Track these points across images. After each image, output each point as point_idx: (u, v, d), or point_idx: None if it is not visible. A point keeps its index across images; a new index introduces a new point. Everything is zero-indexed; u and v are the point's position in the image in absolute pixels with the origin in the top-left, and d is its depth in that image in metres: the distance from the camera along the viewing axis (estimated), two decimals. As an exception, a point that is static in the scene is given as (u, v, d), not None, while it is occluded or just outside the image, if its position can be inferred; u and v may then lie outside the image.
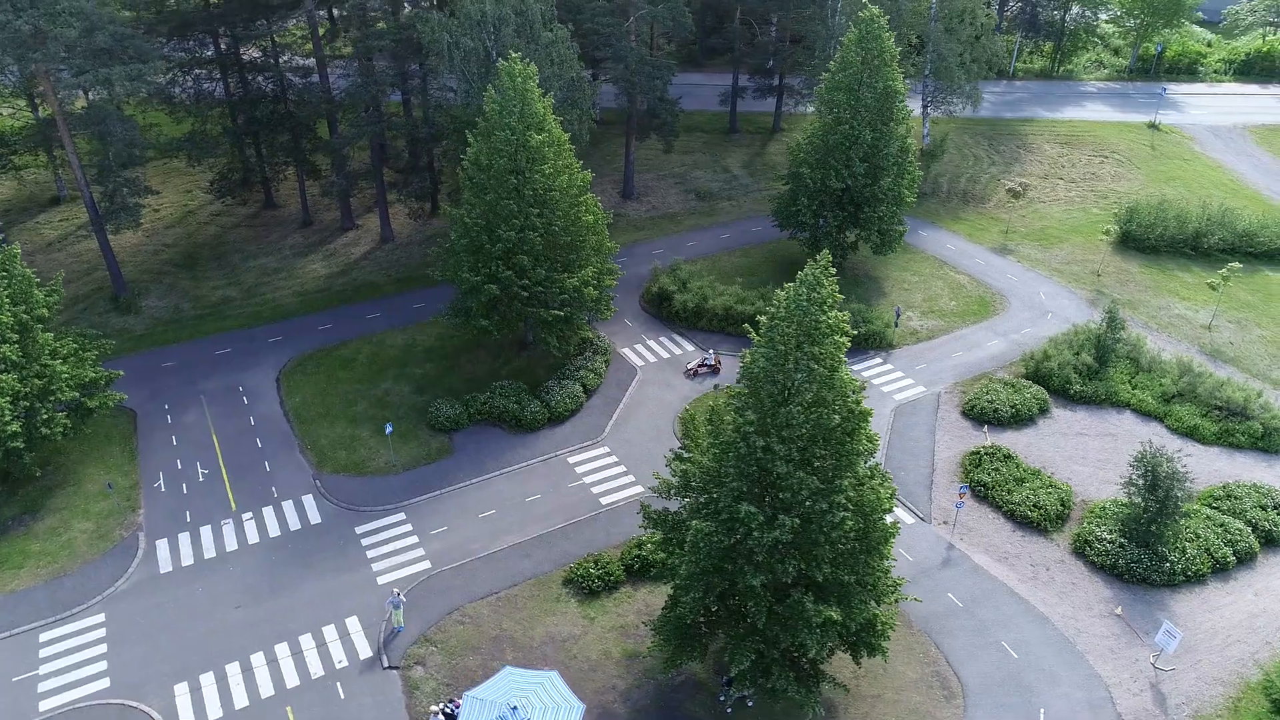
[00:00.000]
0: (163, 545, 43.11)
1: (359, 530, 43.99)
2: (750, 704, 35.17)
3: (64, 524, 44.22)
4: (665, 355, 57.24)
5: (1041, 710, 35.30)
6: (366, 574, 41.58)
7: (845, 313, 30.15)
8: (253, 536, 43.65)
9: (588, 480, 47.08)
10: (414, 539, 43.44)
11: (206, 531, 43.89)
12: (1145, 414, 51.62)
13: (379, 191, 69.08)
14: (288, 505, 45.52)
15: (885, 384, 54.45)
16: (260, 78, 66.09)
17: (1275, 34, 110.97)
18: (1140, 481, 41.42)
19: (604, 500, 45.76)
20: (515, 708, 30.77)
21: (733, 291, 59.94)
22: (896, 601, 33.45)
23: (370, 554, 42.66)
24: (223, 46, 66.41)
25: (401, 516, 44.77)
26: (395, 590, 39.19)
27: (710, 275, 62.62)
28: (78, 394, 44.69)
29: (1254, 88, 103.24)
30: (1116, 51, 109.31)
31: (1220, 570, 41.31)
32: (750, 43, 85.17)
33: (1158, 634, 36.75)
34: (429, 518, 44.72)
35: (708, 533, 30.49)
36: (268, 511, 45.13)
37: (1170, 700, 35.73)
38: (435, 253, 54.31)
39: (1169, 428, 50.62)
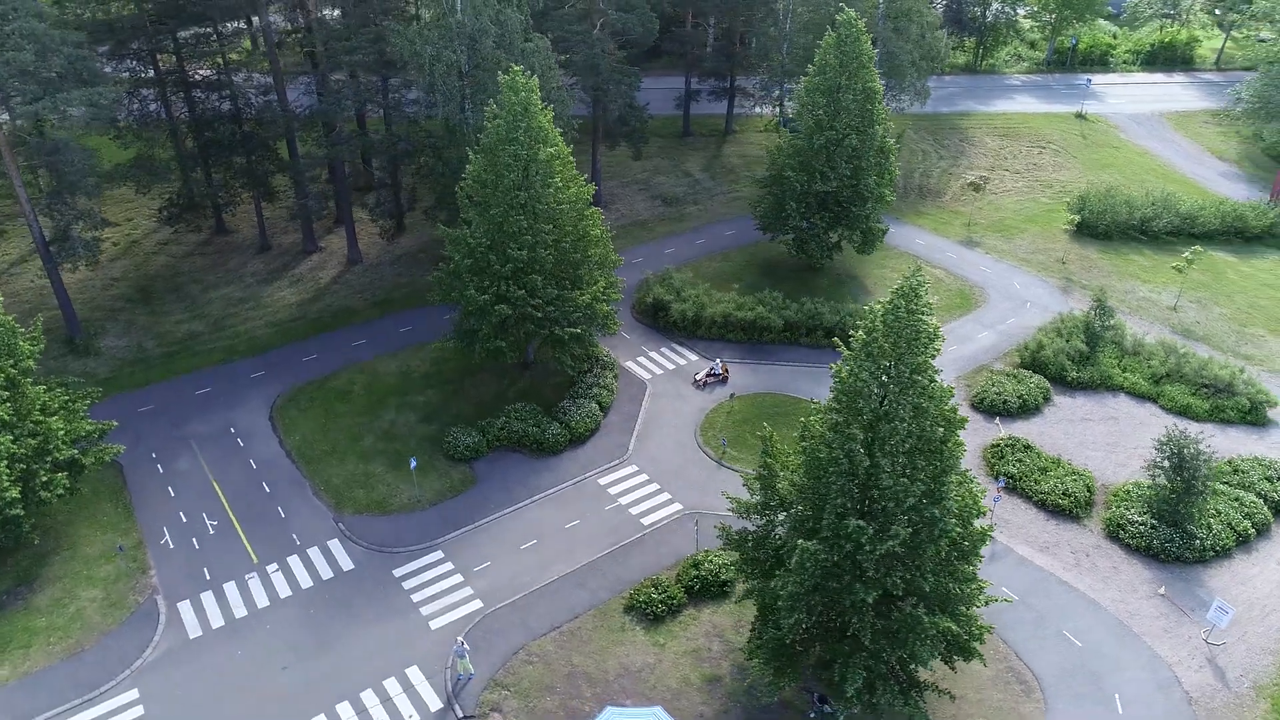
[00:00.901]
0: (185, 608, 40.10)
1: (397, 573, 41.92)
2: (840, 717, 35.02)
3: (68, 593, 40.65)
4: (670, 366, 56.66)
5: (1116, 695, 36.37)
6: (417, 619, 39.64)
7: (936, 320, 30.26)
8: (283, 589, 41.06)
9: (624, 501, 46.13)
10: (458, 578, 41.66)
11: (231, 588, 41.06)
12: (1139, 396, 53.91)
13: (345, 212, 66.15)
14: (313, 553, 43.03)
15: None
16: (215, 96, 62.20)
17: (1172, 26, 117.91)
18: (1166, 463, 43.13)
19: (645, 521, 44.91)
20: (632, 749, 29.83)
21: (730, 298, 59.81)
22: (987, 603, 33.83)
23: (415, 597, 40.70)
24: (166, 65, 62.36)
25: (439, 555, 42.90)
26: (459, 639, 37.40)
27: (705, 282, 62.33)
28: (75, 451, 41.09)
29: (1159, 76, 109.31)
30: (1033, 45, 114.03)
31: (1243, 543, 43.44)
32: (704, 45, 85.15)
33: (1210, 611, 38.34)
34: (469, 553, 42.99)
35: (814, 551, 30.16)
36: (293, 561, 42.55)
37: (1229, 674, 37.35)
38: (436, 276, 52.20)
39: (1163, 407, 52.98)
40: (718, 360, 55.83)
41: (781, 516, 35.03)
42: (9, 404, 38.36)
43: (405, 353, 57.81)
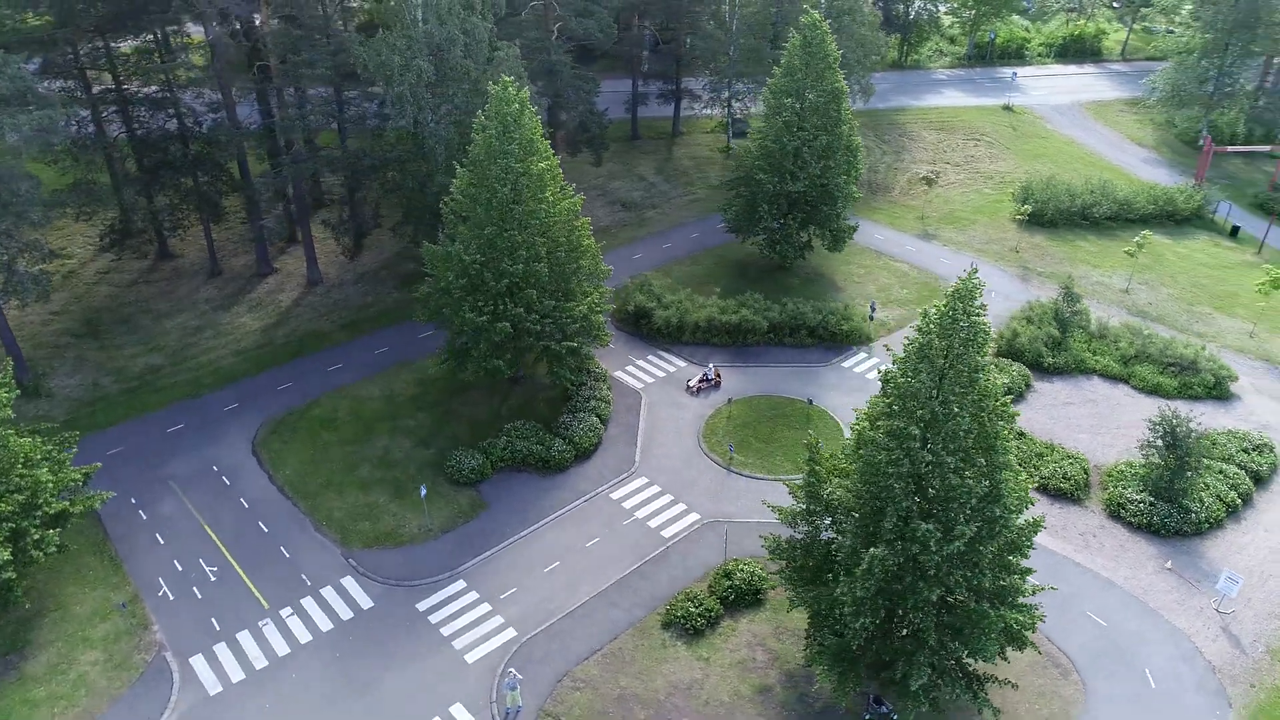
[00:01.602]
0: (199, 663, 37.79)
1: (421, 607, 40.43)
2: (894, 717, 35.38)
3: (65, 658, 37.81)
4: (660, 374, 56.31)
5: (1146, 670, 37.79)
6: (451, 654, 38.29)
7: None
8: (302, 634, 39.10)
9: (640, 515, 45.60)
10: (485, 606, 40.45)
11: (245, 638, 38.88)
12: (1112, 377, 56.22)
13: (304, 231, 63.49)
14: (327, 593, 41.12)
15: (879, 377, 56.01)
16: (160, 115, 58.77)
17: (1078, 19, 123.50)
18: (1160, 442, 45.07)
19: (665, 534, 44.48)
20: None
21: (713, 302, 59.81)
22: (1033, 592, 34.59)
23: (445, 631, 39.31)
24: (100, 81, 58.69)
25: (462, 584, 41.56)
26: (510, 670, 36.29)
27: (686, 288, 62.18)
28: (66, 503, 38.21)
29: (1073, 68, 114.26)
30: (953, 40, 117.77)
31: (1232, 513, 45.75)
32: (655, 49, 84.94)
33: (1219, 581, 40.24)
34: (492, 580, 41.79)
35: (882, 557, 30.33)
36: (307, 603, 40.57)
37: (1243, 640, 39.26)
38: (423, 294, 50.54)
39: (1135, 387, 55.39)
40: (710, 365, 55.72)
41: (827, 521, 35.13)
42: (-9, 459, 35.37)
43: (386, 375, 55.85)
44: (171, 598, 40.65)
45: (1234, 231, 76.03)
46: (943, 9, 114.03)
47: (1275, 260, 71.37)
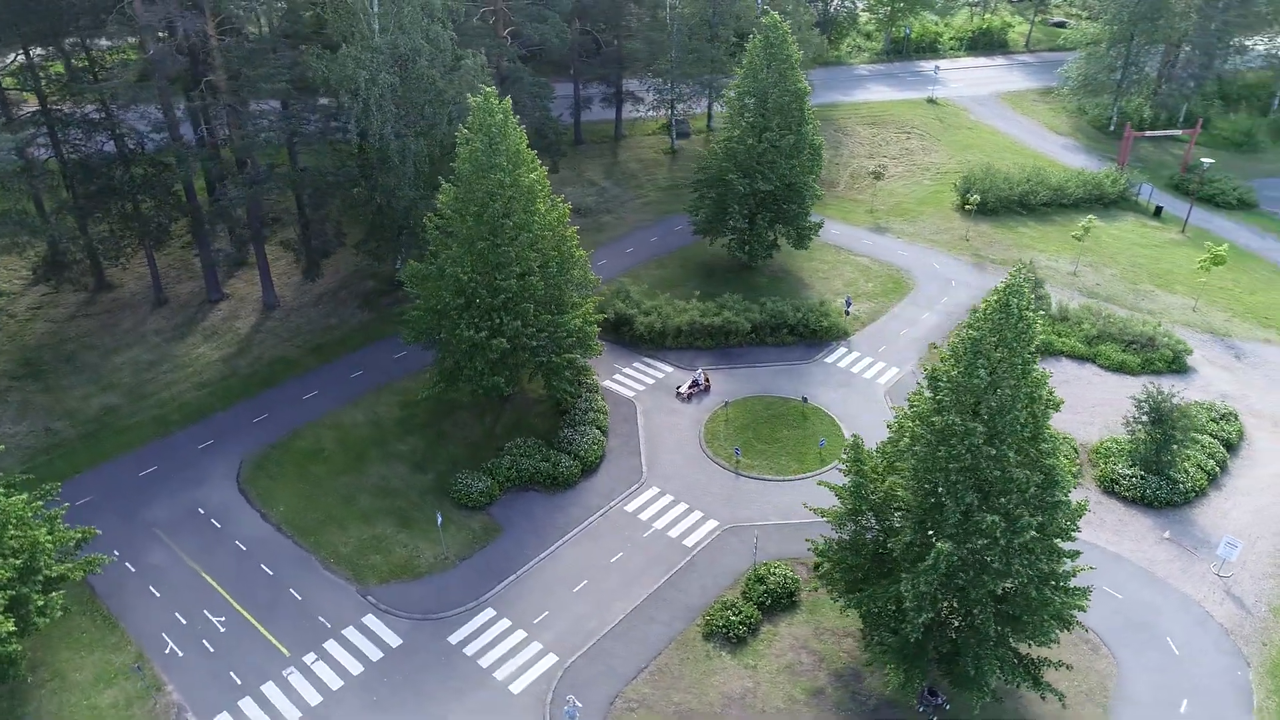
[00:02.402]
0: (226, 720, 35.52)
1: (453, 640, 38.99)
2: (947, 707, 36.02)
3: (73, 731, 34.94)
4: (650, 381, 55.88)
5: (1168, 639, 39.53)
6: (494, 686, 37.06)
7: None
8: (332, 680, 37.19)
9: (658, 526, 45.13)
10: (521, 633, 39.31)
11: (272, 690, 36.72)
12: (1079, 358, 58.64)
13: (258, 254, 60.41)
14: (351, 634, 39.22)
15: (863, 370, 57.12)
16: (97, 137, 54.93)
17: (982, 14, 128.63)
18: (1145, 418, 47.25)
19: (687, 543, 44.14)
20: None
21: (693, 305, 59.67)
22: (1076, 573, 35.56)
23: (483, 663, 38.02)
24: (18, 98, 54.60)
25: (492, 612, 40.29)
26: (570, 698, 35.31)
27: (664, 293, 61.87)
28: (69, 566, 35.24)
29: (983, 60, 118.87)
30: (869, 36, 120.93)
31: (1213, 480, 48.32)
32: (597, 53, 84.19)
33: (1219, 547, 42.45)
34: (521, 605, 40.64)
35: (948, 552, 30.76)
36: (331, 647, 38.61)
37: (1247, 601, 41.53)
38: (412, 315, 48.72)
39: (1102, 366, 57.94)
40: (699, 370, 55.56)
41: (872, 520, 35.43)
42: (-16, 522, 32.32)
43: (367, 400, 53.71)
44: (181, 654, 38.06)
45: (1157, 212, 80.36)
46: (860, 5, 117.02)
47: (1197, 237, 75.92)
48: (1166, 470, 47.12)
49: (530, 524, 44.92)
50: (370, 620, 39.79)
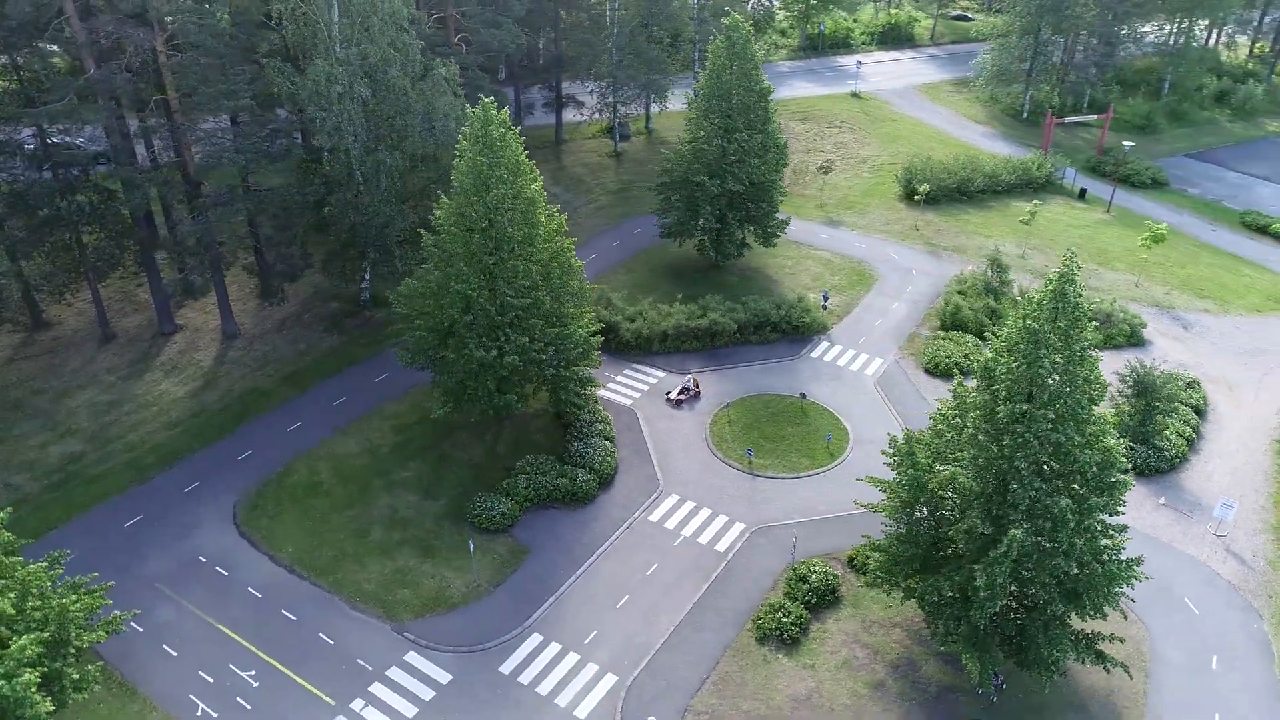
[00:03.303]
0: (281, 781, 33.37)
1: (505, 669, 37.74)
2: (1005, 687, 37.03)
3: (112, 811, 32.20)
4: (645, 388, 55.43)
5: (1186, 599, 41.70)
6: (558, 713, 36.03)
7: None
8: (387, 725, 35.47)
9: (686, 533, 44.80)
10: (573, 656, 38.36)
11: (323, 742, 34.73)
12: (1045, 338, 61.17)
13: (217, 280, 56.98)
14: (396, 674, 37.46)
15: (849, 363, 58.13)
16: (40, 164, 50.69)
17: (887, 8, 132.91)
18: (1129, 391, 49.73)
19: (719, 548, 43.98)
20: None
21: (678, 309, 59.49)
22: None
23: (541, 690, 36.92)
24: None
25: (539, 637, 39.16)
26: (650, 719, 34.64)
27: (647, 297, 61.47)
28: (102, 632, 32.38)
29: (894, 54, 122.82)
30: (784, 33, 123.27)
31: (1191, 445, 51.24)
32: (536, 57, 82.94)
33: (1216, 509, 45.06)
34: (568, 627, 39.67)
35: (1020, 538, 31.56)
36: (378, 690, 36.78)
37: (1246, 557, 44.22)
38: (413, 336, 46.86)
39: (1067, 344, 60.59)
40: (689, 376, 55.37)
41: (925, 511, 36.08)
42: (9, 594, 29.36)
43: (357, 427, 51.44)
44: (216, 716, 35.55)
45: (1082, 194, 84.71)
46: (776, 3, 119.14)
47: (1121, 217, 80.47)
48: (1152, 439, 49.69)
49: (557, 543, 43.90)
50: (413, 658, 38.08)
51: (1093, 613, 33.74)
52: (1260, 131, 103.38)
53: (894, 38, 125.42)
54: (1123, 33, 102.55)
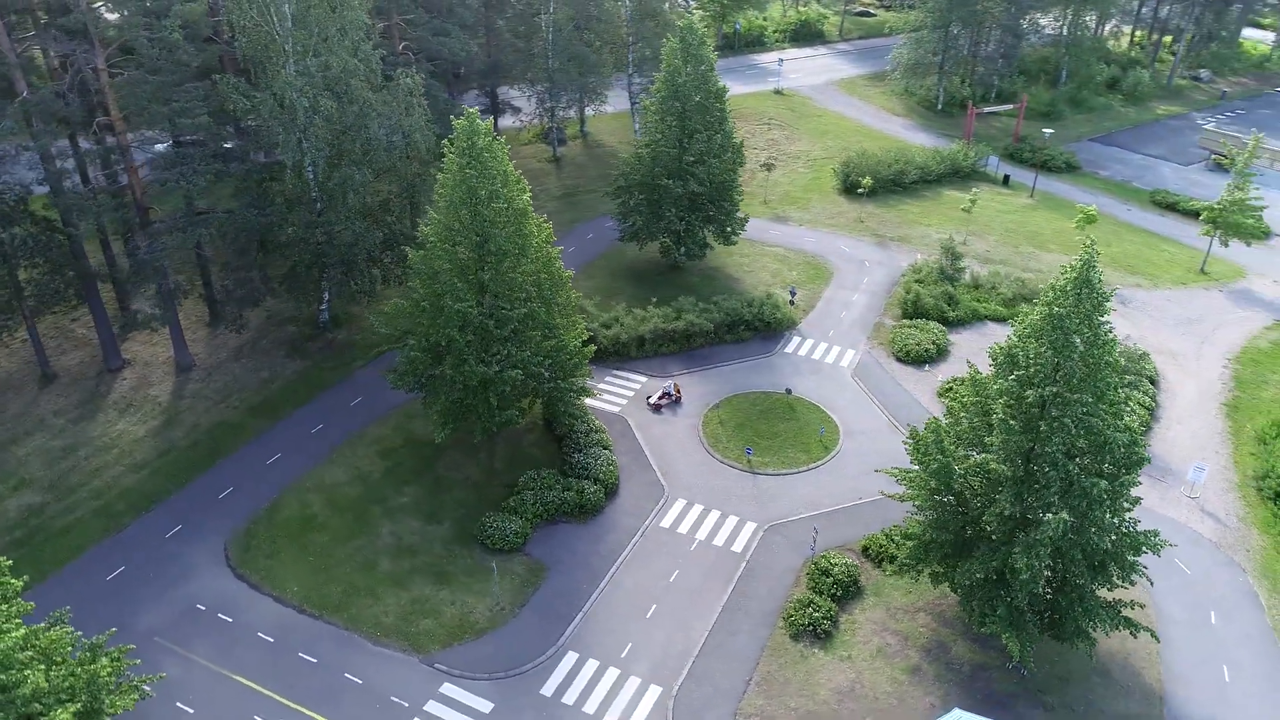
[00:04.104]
0: (334, 832, 31.76)
1: (547, 692, 36.93)
2: (1033, 661, 38.36)
3: None
4: (630, 394, 55.14)
5: (1176, 559, 44.08)
6: (609, 731, 35.51)
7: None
8: (435, 762, 34.22)
9: (700, 537, 44.77)
10: (614, 670, 37.83)
11: (372, 787, 33.23)
12: (1002, 319, 63.72)
13: (169, 308, 53.82)
14: (435, 708, 36.20)
15: (823, 356, 59.17)
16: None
17: (795, 5, 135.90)
18: (1096, 368, 52.26)
19: (735, 549, 44.11)
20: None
21: (654, 313, 59.38)
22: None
23: (588, 709, 36.28)
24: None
25: (574, 655, 38.48)
26: (706, 727, 34.43)
27: (612, 303, 61.09)
28: (131, 698, 30.05)
29: (807, 50, 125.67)
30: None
31: (1151, 413, 54.23)
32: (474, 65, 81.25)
33: (1189, 473, 47.82)
34: (602, 642, 39.10)
35: (1066, 521, 32.70)
36: (418, 727, 35.46)
37: (1220, 515, 47.07)
38: (405, 358, 45.29)
39: (1022, 325, 63.23)
40: (670, 381, 55.27)
41: (951, 498, 37.07)
42: (36, 665, 26.97)
43: (341, 455, 49.45)
44: (250, 771, 33.64)
45: (1005, 180, 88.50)
46: (693, 4, 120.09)
47: (1044, 201, 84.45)
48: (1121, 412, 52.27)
49: (573, 557, 43.21)
50: (450, 690, 36.85)
51: (1120, 582, 35.32)
52: (1152, 115, 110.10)
53: (805, 35, 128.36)
54: (1024, 25, 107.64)
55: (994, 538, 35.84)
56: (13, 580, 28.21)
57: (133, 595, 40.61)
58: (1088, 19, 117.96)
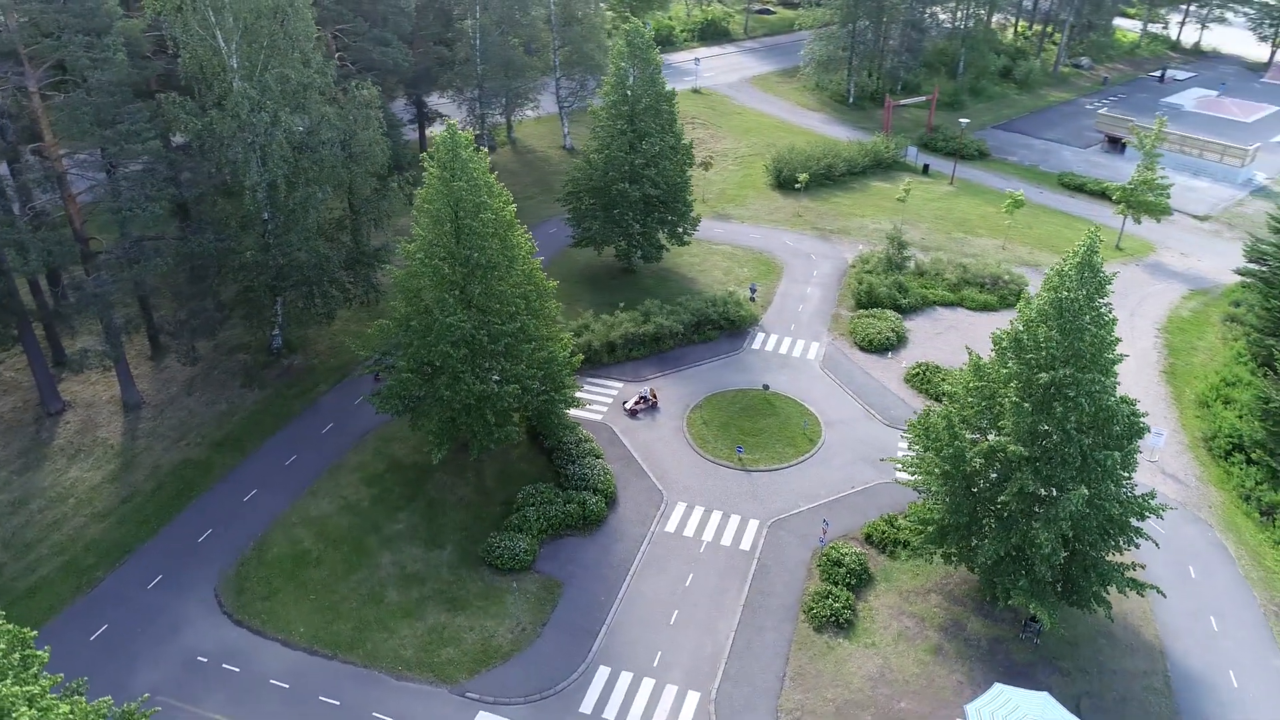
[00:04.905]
0: None
1: (586, 709, 36.38)
2: (1040, 624, 40.07)
3: None
4: (608, 400, 54.78)
5: (1152, 521, 46.63)
6: (657, 742, 35.24)
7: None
8: (485, 794, 33.24)
9: (708, 539, 44.88)
10: (649, 680, 37.56)
11: (425, 827, 32.04)
12: (949, 304, 66.20)
13: (115, 344, 50.45)
14: (472, 739, 35.18)
15: (790, 350, 60.16)
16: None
17: (699, 6, 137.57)
18: (1053, 345, 54.91)
19: (744, 547, 44.40)
20: (1033, 723, 31.62)
21: (622, 317, 59.14)
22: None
23: (630, 723, 35.96)
24: None
25: (606, 669, 38.01)
26: (766, 728, 34.49)
27: (589, 310, 60.54)
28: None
29: (717, 49, 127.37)
30: (609, 34, 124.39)
31: (1103, 386, 57.30)
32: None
33: (1148, 437, 50.53)
34: (632, 653, 38.75)
35: (1087, 496, 34.27)
36: (460, 760, 34.39)
37: (1184, 476, 50.16)
38: (393, 383, 43.74)
39: (969, 308, 65.91)
40: (647, 386, 55.20)
41: (961, 482, 38.31)
42: None
43: (323, 486, 47.44)
44: (291, 827, 31.89)
45: (925, 169, 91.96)
46: (604, 5, 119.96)
47: (963, 188, 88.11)
48: (1076, 385, 55.12)
49: (586, 571, 42.67)
50: (485, 718, 35.84)
51: (1128, 546, 37.28)
52: (1045, 101, 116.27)
53: (713, 34, 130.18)
54: (926, 19, 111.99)
55: (1005, 516, 37.21)
56: (38, 653, 25.93)
57: (124, 653, 37.91)
58: (980, 11, 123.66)
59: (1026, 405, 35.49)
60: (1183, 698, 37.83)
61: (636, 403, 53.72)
